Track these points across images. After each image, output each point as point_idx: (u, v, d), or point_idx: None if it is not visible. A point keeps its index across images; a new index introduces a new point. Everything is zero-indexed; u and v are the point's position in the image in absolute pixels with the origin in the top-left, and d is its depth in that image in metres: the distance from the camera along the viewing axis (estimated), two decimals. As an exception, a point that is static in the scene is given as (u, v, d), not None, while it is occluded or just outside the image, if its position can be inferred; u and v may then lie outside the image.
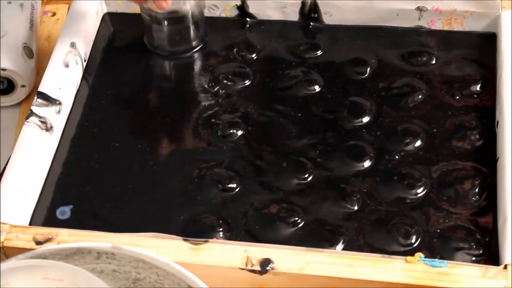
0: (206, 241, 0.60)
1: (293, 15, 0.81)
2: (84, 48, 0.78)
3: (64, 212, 0.67)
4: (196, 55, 0.79)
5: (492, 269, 0.57)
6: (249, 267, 0.58)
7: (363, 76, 0.76)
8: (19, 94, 0.77)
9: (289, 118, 0.73)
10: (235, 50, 0.79)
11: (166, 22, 0.77)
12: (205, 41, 0.80)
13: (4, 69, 0.75)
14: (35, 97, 0.71)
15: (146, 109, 0.76)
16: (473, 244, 0.63)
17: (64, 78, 0.74)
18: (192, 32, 0.78)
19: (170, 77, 0.80)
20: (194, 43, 0.79)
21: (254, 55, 0.79)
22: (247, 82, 0.76)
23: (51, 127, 0.70)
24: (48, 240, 0.60)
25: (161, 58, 0.79)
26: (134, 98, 0.76)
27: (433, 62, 0.77)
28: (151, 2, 0.72)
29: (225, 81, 0.76)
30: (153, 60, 0.79)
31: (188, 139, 0.72)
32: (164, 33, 0.78)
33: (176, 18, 0.77)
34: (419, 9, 0.78)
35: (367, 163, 0.69)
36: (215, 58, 0.79)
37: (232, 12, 0.82)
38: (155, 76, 0.80)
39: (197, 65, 0.79)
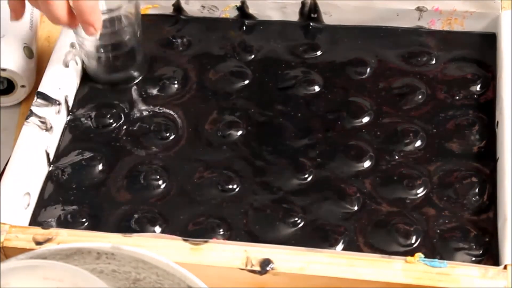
0: (206, 241, 0.60)
1: (293, 15, 0.81)
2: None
3: (64, 212, 0.67)
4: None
5: (492, 269, 0.57)
6: (249, 267, 0.58)
7: (363, 76, 0.76)
8: (19, 94, 0.77)
9: (289, 118, 0.73)
10: (234, 50, 0.79)
11: (102, 50, 0.74)
12: (146, 70, 0.77)
13: (4, 69, 0.75)
14: (35, 97, 0.71)
15: (146, 110, 0.76)
16: (473, 244, 0.63)
17: (64, 78, 0.74)
18: (130, 60, 0.75)
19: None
20: (134, 73, 0.77)
21: (253, 56, 0.79)
22: (247, 82, 0.76)
23: (51, 127, 0.70)
24: (48, 240, 0.60)
25: (161, 59, 0.79)
26: (134, 98, 0.76)
27: (433, 62, 0.77)
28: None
29: (224, 81, 0.76)
30: (154, 61, 0.79)
31: (188, 139, 0.72)
32: (99, 61, 0.75)
33: (112, 45, 0.74)
34: (419, 9, 0.78)
35: (367, 163, 0.69)
36: (214, 58, 0.79)
37: (232, 13, 0.82)
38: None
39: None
